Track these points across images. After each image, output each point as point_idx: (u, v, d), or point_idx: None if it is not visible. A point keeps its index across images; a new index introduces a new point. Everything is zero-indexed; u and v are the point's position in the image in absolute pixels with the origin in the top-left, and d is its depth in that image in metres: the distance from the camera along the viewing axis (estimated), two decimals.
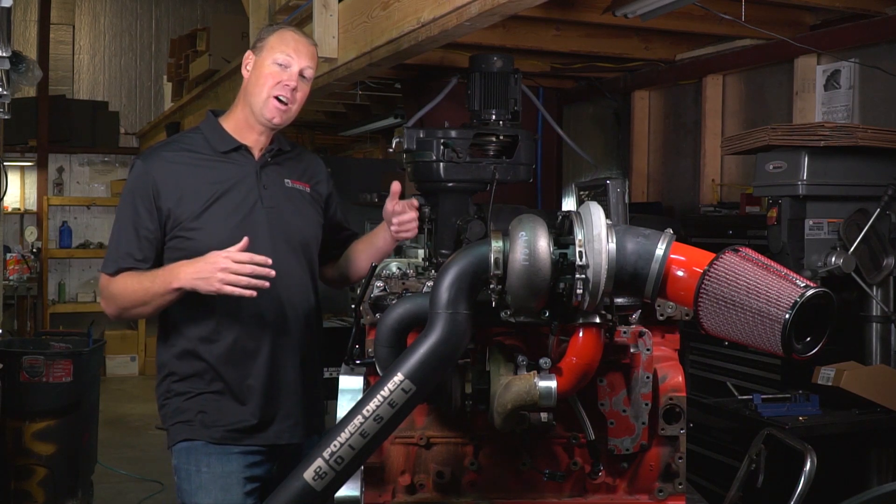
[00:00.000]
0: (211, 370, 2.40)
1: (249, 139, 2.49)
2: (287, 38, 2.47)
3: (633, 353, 1.86)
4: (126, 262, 2.38)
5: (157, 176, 2.39)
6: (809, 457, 2.38)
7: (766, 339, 1.52)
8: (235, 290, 2.21)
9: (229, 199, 2.41)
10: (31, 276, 9.32)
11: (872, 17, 3.73)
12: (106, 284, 2.42)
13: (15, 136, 9.18)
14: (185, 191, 2.39)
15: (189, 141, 2.50)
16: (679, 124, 5.04)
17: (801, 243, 3.22)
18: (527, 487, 1.92)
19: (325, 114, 7.09)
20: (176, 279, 2.28)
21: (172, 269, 2.31)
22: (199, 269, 2.25)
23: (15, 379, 4.42)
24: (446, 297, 1.63)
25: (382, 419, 1.59)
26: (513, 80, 2.41)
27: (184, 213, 2.38)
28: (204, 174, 2.42)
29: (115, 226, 2.44)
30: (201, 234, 2.37)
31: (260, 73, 2.45)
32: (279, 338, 2.44)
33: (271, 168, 2.51)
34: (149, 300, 2.34)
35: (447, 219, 2.34)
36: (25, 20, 10.00)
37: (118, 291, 2.39)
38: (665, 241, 1.62)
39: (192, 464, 2.40)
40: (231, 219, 2.40)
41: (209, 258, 2.24)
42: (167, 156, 2.44)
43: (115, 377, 9.39)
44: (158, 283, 2.31)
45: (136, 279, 2.36)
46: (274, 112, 2.44)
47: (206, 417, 2.40)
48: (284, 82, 2.43)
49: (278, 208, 2.47)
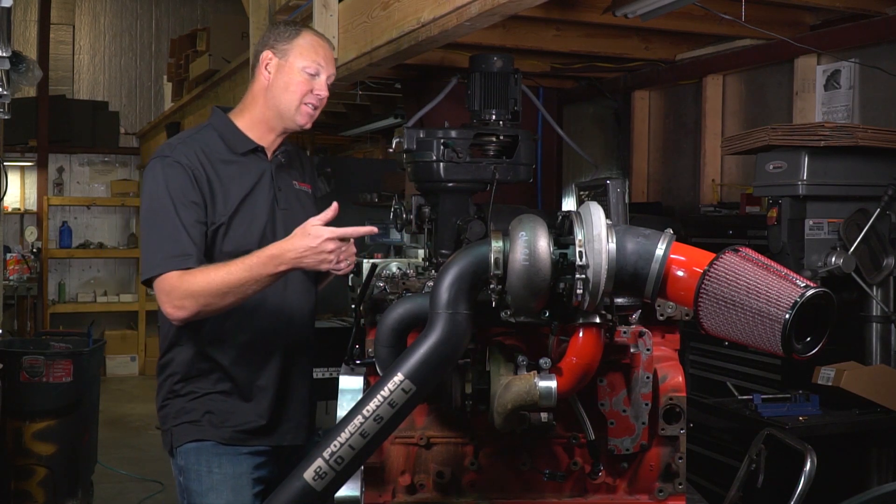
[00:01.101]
0: (220, 371, 2.39)
1: (266, 140, 2.47)
2: (316, 46, 2.45)
3: (633, 353, 1.86)
4: (190, 261, 2.23)
5: (192, 167, 2.32)
6: (809, 457, 2.38)
7: (766, 340, 1.52)
8: (342, 267, 2.18)
9: (253, 201, 2.40)
10: (31, 276, 9.32)
11: (872, 17, 3.73)
12: (177, 285, 2.22)
13: (15, 136, 9.18)
14: (214, 189, 2.34)
15: (205, 141, 2.42)
16: (679, 124, 5.04)
17: (801, 243, 3.22)
18: (527, 487, 1.92)
19: (325, 114, 7.05)
20: (282, 262, 2.16)
21: (271, 256, 2.17)
22: (300, 251, 2.14)
23: (15, 379, 4.43)
24: (446, 297, 1.63)
25: (382, 419, 1.59)
26: (513, 80, 2.41)
27: (215, 215, 2.33)
28: (227, 175, 2.38)
29: (160, 224, 2.27)
30: (234, 235, 2.34)
31: (290, 80, 2.42)
32: (289, 339, 2.44)
33: (283, 169, 2.51)
34: (245, 286, 2.18)
35: (447, 219, 2.33)
36: (25, 20, 10.01)
37: (201, 288, 2.20)
38: (665, 242, 1.62)
39: (202, 464, 2.38)
40: (257, 221, 2.39)
41: (304, 240, 2.14)
42: (192, 150, 2.36)
43: (115, 377, 9.39)
44: (256, 270, 2.16)
45: (221, 271, 2.20)
46: (306, 119, 2.45)
47: (214, 418, 2.39)
48: (316, 91, 2.44)
49: (291, 210, 2.47)
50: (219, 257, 2.30)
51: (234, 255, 2.25)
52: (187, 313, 2.23)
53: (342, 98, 5.94)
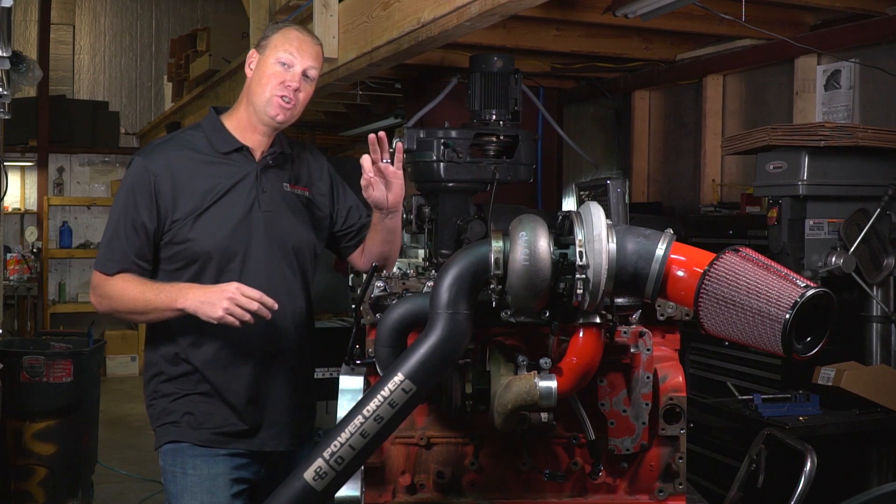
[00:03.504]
0: (198, 373, 2.38)
1: (251, 140, 2.45)
2: (291, 37, 2.42)
3: (633, 353, 1.86)
4: (125, 262, 2.35)
5: (158, 173, 2.35)
6: (809, 457, 2.38)
7: (766, 340, 1.52)
8: (235, 321, 2.22)
9: (227, 201, 2.38)
10: (31, 276, 9.32)
11: (872, 17, 3.73)
12: (101, 283, 2.38)
13: (15, 136, 9.18)
14: (184, 191, 2.36)
15: (190, 139, 2.45)
16: (679, 124, 5.04)
17: (801, 243, 3.22)
18: (527, 487, 1.92)
19: (325, 114, 7.09)
20: (182, 299, 2.26)
21: (181, 289, 2.29)
22: (206, 295, 2.24)
23: (15, 379, 4.42)
24: (446, 297, 1.63)
25: (383, 419, 1.59)
26: (513, 80, 2.41)
27: (181, 213, 2.35)
28: (203, 175, 2.39)
29: (111, 222, 2.38)
30: (198, 235, 2.34)
31: (263, 73, 2.40)
32: (267, 344, 2.40)
33: (271, 171, 2.47)
34: (148, 311, 2.33)
35: (447, 219, 2.34)
36: (25, 20, 10.00)
37: (116, 293, 2.35)
38: (665, 242, 1.62)
39: (177, 466, 2.37)
40: (228, 222, 2.37)
41: (221, 287, 2.25)
42: (167, 154, 2.40)
43: (116, 377, 9.39)
44: (163, 298, 2.29)
45: (137, 287, 2.33)
46: (278, 109, 2.39)
47: (192, 419, 2.38)
48: (287, 82, 2.38)
49: (275, 213, 2.43)
50: (182, 255, 2.35)
51: (199, 253, 2.34)
52: (102, 310, 2.41)
53: (342, 98, 5.95)
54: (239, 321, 2.21)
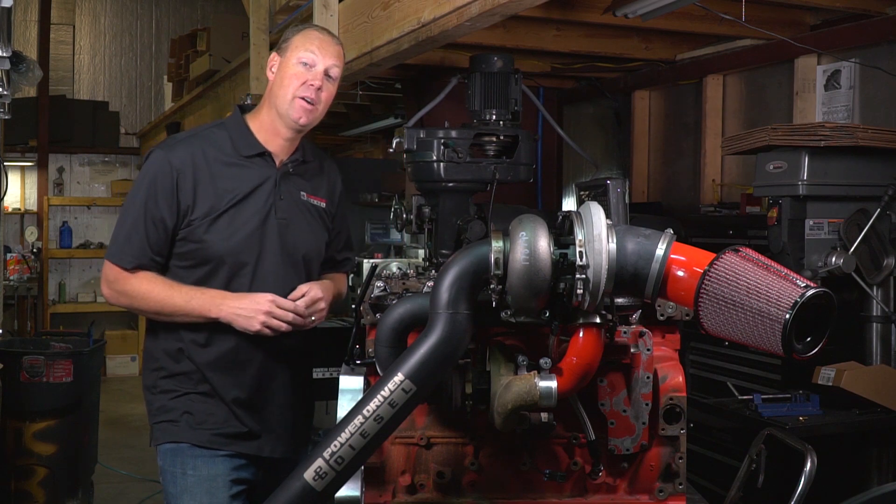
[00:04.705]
0: (199, 372, 2.37)
1: (274, 144, 2.43)
2: (312, 37, 2.40)
3: (633, 353, 1.86)
4: (143, 258, 2.32)
5: (180, 168, 2.33)
6: (809, 457, 2.38)
7: (766, 340, 1.52)
8: (270, 333, 2.27)
9: (245, 206, 2.37)
10: (31, 276, 9.32)
11: (872, 17, 3.73)
12: (119, 278, 2.34)
13: (15, 136, 9.19)
14: (204, 191, 2.34)
15: (213, 138, 2.42)
16: (679, 124, 5.04)
17: (801, 243, 3.22)
18: (527, 487, 1.93)
19: (326, 113, 7.08)
20: (216, 309, 2.28)
21: (213, 298, 2.29)
22: (242, 307, 2.27)
23: (15, 379, 4.42)
24: (447, 297, 1.63)
25: (383, 419, 1.59)
26: (513, 80, 2.41)
27: (199, 212, 2.33)
28: (224, 176, 2.37)
29: (130, 214, 2.35)
30: (212, 238, 2.33)
31: (284, 74, 2.38)
32: (271, 352, 2.40)
33: (291, 179, 2.45)
34: (175, 315, 2.32)
35: (447, 219, 2.33)
36: (26, 20, 10.00)
37: (140, 294, 2.33)
38: (665, 242, 1.62)
39: (177, 466, 2.37)
40: (243, 228, 2.36)
41: (256, 298, 2.28)
42: (191, 150, 2.37)
43: (116, 377, 9.39)
44: (195, 305, 2.29)
45: (164, 290, 2.31)
46: (300, 112, 2.38)
47: (192, 419, 2.37)
48: (309, 82, 2.36)
49: (289, 221, 2.42)
50: (194, 256, 2.34)
51: (213, 256, 2.33)
52: (117, 304, 2.39)
53: (342, 98, 5.94)
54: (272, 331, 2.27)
